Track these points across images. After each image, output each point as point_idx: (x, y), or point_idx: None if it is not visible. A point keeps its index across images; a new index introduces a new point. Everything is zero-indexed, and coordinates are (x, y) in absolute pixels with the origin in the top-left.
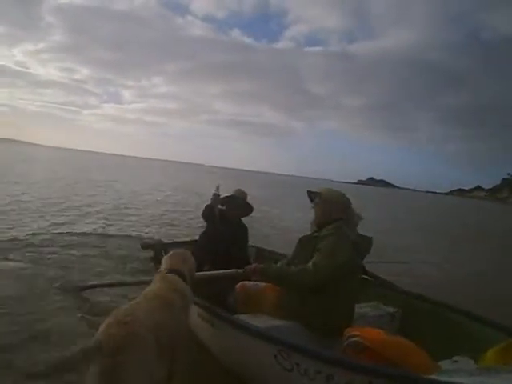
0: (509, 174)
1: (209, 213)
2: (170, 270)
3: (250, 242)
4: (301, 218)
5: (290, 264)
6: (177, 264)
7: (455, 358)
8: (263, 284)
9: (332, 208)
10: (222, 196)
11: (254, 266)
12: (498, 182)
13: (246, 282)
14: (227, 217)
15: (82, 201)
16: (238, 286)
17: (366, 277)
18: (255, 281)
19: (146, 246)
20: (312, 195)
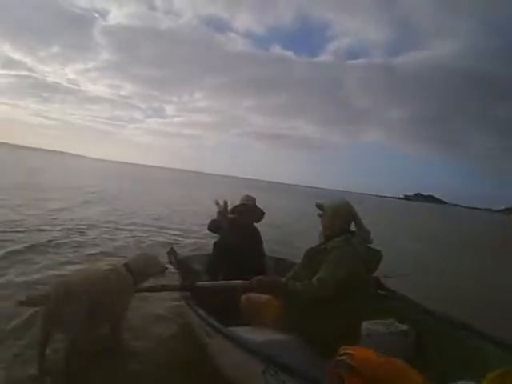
0: None
1: (215, 226)
2: (124, 264)
3: (270, 253)
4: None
5: (296, 277)
6: (131, 262)
7: (460, 383)
8: (267, 296)
9: (338, 220)
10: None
11: (260, 278)
12: None
13: (251, 294)
14: (239, 225)
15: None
16: (243, 297)
17: (381, 292)
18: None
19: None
20: (319, 207)
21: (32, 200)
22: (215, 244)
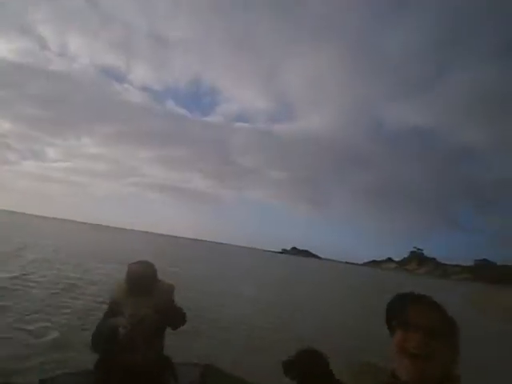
0: (415, 247)
1: (96, 341)
2: None
3: (194, 357)
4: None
5: None
6: None
7: None
8: None
9: (454, 350)
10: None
11: None
12: (406, 255)
13: None
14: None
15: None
16: None
17: None
18: None
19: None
20: (415, 313)
21: None
22: (96, 367)
